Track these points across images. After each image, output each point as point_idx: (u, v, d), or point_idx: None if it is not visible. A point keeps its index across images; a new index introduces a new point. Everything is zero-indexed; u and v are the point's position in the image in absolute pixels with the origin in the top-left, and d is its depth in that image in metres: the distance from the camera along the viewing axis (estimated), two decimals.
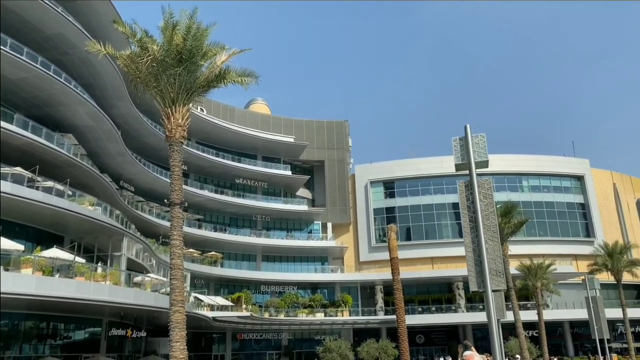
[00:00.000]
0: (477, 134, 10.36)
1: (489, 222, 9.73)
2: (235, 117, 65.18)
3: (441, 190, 68.11)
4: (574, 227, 69.50)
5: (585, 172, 71.96)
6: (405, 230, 67.88)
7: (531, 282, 46.21)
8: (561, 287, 55.35)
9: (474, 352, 5.10)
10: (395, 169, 70.58)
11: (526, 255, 52.90)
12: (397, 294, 28.89)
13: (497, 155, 67.49)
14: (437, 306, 61.93)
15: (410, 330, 49.80)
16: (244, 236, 61.15)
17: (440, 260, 64.49)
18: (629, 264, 53.77)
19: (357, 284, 64.60)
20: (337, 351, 38.53)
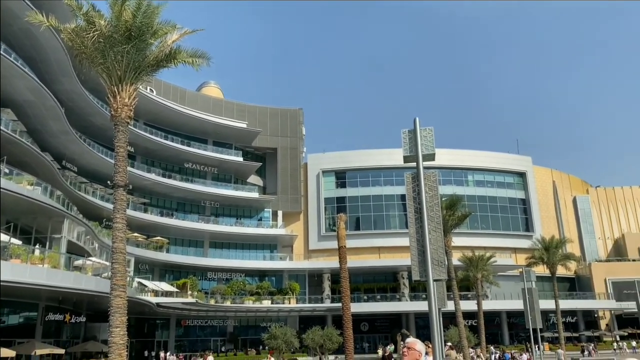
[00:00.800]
0: (425, 127, 10.54)
1: (433, 214, 9.94)
2: (187, 99, 63.71)
3: (391, 182, 69.28)
4: (515, 222, 72.45)
5: (527, 169, 75.01)
6: (355, 220, 68.74)
7: (472, 273, 47.86)
8: (500, 279, 57.70)
9: (417, 339, 5.20)
10: (348, 159, 71.17)
11: (468, 247, 54.74)
12: (344, 283, 29.24)
13: (445, 149, 69.34)
14: (382, 295, 63.27)
15: (356, 318, 50.73)
16: (191, 222, 60.17)
17: (387, 250, 65.80)
18: (563, 257, 56.74)
19: (306, 272, 65.00)
20: (282, 338, 38.63)
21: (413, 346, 4.89)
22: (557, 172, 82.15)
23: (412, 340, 5.01)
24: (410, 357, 4.88)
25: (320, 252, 66.65)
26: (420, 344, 5.01)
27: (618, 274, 69.66)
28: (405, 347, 4.94)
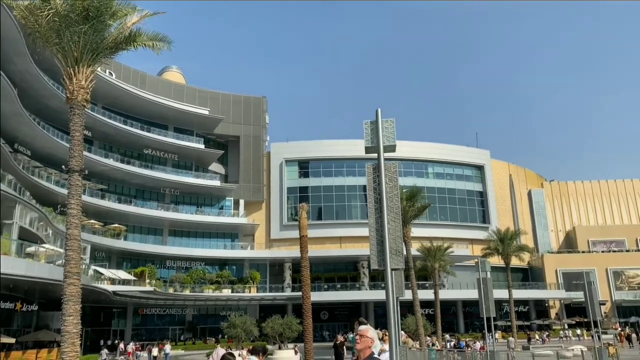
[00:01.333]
0: (387, 118, 10.66)
1: (393, 204, 10.08)
2: (147, 84, 62.17)
3: (353, 173, 69.74)
4: (472, 214, 74.31)
5: (485, 163, 76.92)
6: (317, 210, 68.99)
7: (430, 263, 48.89)
8: (457, 269, 59.18)
9: (369, 327, 5.27)
10: (311, 149, 71.18)
11: (427, 237, 55.84)
12: (305, 272, 29.35)
13: (407, 141, 70.31)
14: (342, 284, 63.90)
15: (316, 307, 50.98)
16: (150, 209, 59.08)
17: (348, 239, 66.38)
18: (517, 249, 58.63)
19: (267, 261, 64.95)
20: (241, 327, 38.50)
21: (365, 333, 4.95)
22: (514, 166, 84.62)
23: (364, 328, 5.07)
24: (362, 344, 4.94)
25: (282, 242, 66.67)
26: (372, 331, 5.07)
27: (568, 265, 72.57)
28: (358, 335, 5.00)
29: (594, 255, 76.21)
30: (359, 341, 4.95)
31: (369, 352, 4.91)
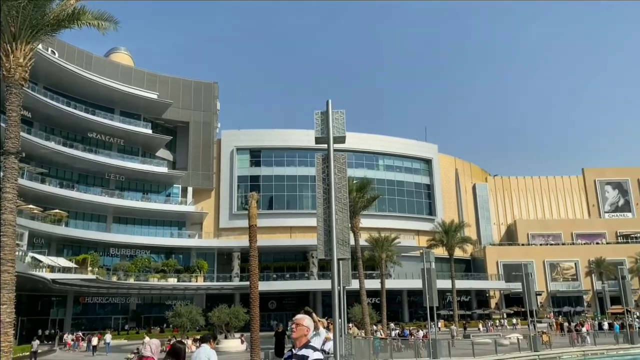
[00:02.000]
0: (338, 110, 10.69)
1: (341, 195, 10.16)
2: (93, 64, 59.67)
3: (305, 163, 69.75)
4: (419, 206, 76.13)
5: (433, 156, 78.87)
6: (268, 200, 68.70)
7: (378, 253, 49.80)
8: (403, 259, 60.56)
9: (305, 315, 5.27)
10: (263, 138, 70.63)
11: (376, 228, 56.87)
12: (253, 261, 29.17)
13: (358, 134, 71.00)
14: (291, 273, 64.08)
15: (264, 297, 51.08)
16: (94, 195, 57.01)
17: (298, 229, 66.53)
18: (461, 240, 60.66)
19: (215, 251, 64.21)
20: (187, 316, 38.04)
21: (301, 322, 4.97)
22: (460, 161, 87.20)
23: (300, 316, 5.08)
24: (298, 332, 4.95)
25: (231, 231, 66.05)
26: (308, 319, 5.09)
27: (508, 257, 75.68)
28: (294, 324, 5.01)
29: (533, 248, 79.84)
30: (294, 330, 4.96)
31: (305, 341, 4.93)
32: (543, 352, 32.80)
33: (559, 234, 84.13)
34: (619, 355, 35.95)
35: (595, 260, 73.93)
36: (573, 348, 35.51)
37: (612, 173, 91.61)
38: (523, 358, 31.48)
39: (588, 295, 76.53)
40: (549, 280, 76.94)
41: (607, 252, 75.74)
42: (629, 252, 73.92)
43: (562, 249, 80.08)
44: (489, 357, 30.16)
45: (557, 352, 33.97)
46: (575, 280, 77.41)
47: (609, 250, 76.76)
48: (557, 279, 77.72)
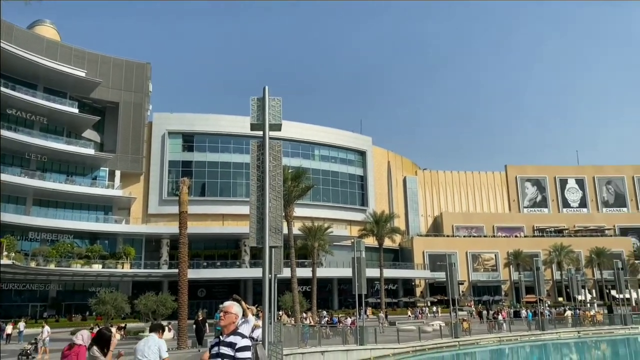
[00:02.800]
0: (274, 97, 10.67)
1: (275, 183, 10.19)
2: (14, 36, 55.66)
3: (240, 150, 68.91)
4: (352, 196, 77.50)
5: (367, 149, 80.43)
6: (201, 186, 67.36)
7: (310, 242, 50.28)
8: (335, 248, 61.48)
9: (233, 302, 5.26)
10: (197, 123, 68.94)
11: (309, 217, 57.33)
12: (182, 248, 28.63)
13: (296, 123, 71.01)
14: (222, 261, 63.39)
15: (193, 284, 50.26)
16: (12, 175, 53.41)
17: (231, 217, 65.81)
18: (390, 231, 62.43)
19: (143, 237, 62.25)
20: (111, 303, 36.70)
21: (229, 310, 4.96)
22: (393, 154, 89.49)
23: (228, 304, 5.06)
24: (226, 320, 4.93)
25: (161, 217, 64.25)
26: (237, 306, 5.09)
27: (434, 247, 78.77)
28: (222, 312, 4.98)
29: (457, 239, 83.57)
30: (223, 318, 4.93)
31: (233, 328, 4.92)
32: (463, 339, 34.57)
33: (482, 227, 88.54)
34: (531, 341, 38.55)
35: (513, 252, 78.53)
36: (490, 334, 37.67)
37: (532, 170, 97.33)
38: (444, 344, 33.03)
39: (506, 285, 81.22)
40: (470, 270, 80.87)
41: (524, 244, 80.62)
42: (544, 245, 79.07)
43: (483, 241, 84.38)
44: (413, 343, 31.40)
45: (475, 338, 35.92)
46: (495, 270, 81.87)
47: (526, 243, 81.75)
48: (478, 269, 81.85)
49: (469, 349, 34.28)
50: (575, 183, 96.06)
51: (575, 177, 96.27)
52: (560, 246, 76.18)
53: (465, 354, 33.34)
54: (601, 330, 43.88)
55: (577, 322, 44.57)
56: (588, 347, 39.67)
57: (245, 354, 4.70)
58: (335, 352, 26.45)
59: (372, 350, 28.31)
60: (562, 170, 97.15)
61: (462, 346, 33.89)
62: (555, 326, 42.40)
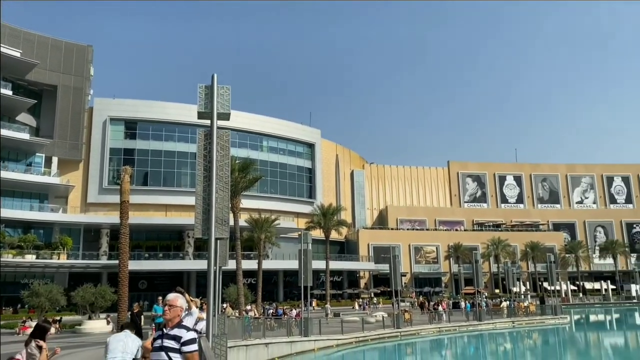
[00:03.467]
0: (223, 85, 10.42)
1: (222, 173, 9.97)
2: None
3: (186, 139, 67.33)
4: (300, 189, 77.58)
5: (316, 141, 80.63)
6: (143, 175, 65.39)
7: (257, 234, 49.96)
8: (282, 240, 61.39)
9: (178, 294, 5.12)
10: (141, 109, 66.68)
11: (256, 209, 56.92)
12: (123, 239, 27.74)
13: (244, 113, 70.15)
14: (165, 253, 62.00)
15: (134, 276, 48.82)
16: None
17: (175, 208, 64.34)
18: (337, 223, 62.96)
19: (81, 226, 59.79)
20: (46, 296, 35.04)
21: (174, 303, 4.83)
22: (341, 147, 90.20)
23: (172, 297, 4.92)
24: (172, 314, 4.80)
25: (101, 206, 61.92)
26: (182, 299, 4.96)
27: (379, 240, 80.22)
28: (167, 305, 4.83)
29: (401, 232, 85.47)
30: (167, 311, 4.79)
31: (178, 320, 4.81)
32: (405, 329, 35.47)
33: (424, 220, 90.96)
34: (469, 331, 40.05)
35: (454, 245, 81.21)
36: (431, 325, 38.84)
37: (473, 167, 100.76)
38: (387, 334, 33.77)
39: (446, 276, 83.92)
40: (413, 262, 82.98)
41: (464, 238, 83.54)
42: (483, 239, 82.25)
43: (426, 234, 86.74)
44: (356, 334, 31.91)
45: (417, 328, 36.94)
46: (436, 263, 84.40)
47: (466, 237, 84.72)
48: (420, 261, 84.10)
49: (410, 339, 35.21)
50: (513, 180, 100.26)
51: (514, 174, 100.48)
52: (498, 240, 79.48)
53: (406, 344, 34.22)
54: (533, 320, 46.19)
55: (512, 312, 46.66)
56: (521, 336, 41.65)
57: (192, 347, 4.61)
58: (280, 344, 26.46)
59: (317, 341, 28.54)
60: (501, 167, 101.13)
61: (404, 336, 34.76)
62: (492, 317, 44.24)
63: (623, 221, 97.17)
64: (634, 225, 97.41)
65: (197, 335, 4.95)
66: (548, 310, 48.30)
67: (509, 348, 37.47)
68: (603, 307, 70.91)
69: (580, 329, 50.21)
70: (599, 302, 74.72)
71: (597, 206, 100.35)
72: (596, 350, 35.82)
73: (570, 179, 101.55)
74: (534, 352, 35.15)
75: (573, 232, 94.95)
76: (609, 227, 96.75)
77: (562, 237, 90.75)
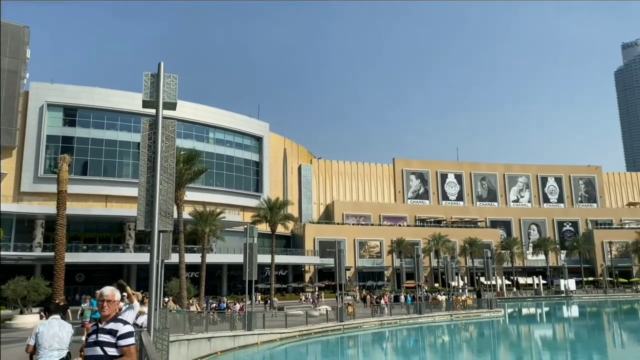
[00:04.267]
0: (170, 74, 10.20)
1: (167, 164, 9.79)
2: None
3: (129, 128, 65.19)
4: (247, 182, 76.92)
5: (264, 135, 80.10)
6: (82, 164, 62.84)
7: (201, 227, 49.13)
8: (227, 234, 60.68)
9: (113, 288, 5.02)
10: (81, 96, 63.90)
11: (201, 202, 55.96)
12: (60, 230, 26.62)
13: (191, 103, 68.73)
14: (104, 245, 59.99)
15: (71, 269, 46.96)
16: None
17: (115, 199, 62.26)
18: (283, 218, 62.90)
19: (13, 217, 56.71)
20: None
21: (112, 298, 4.74)
22: (289, 141, 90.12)
23: (110, 292, 4.82)
24: (110, 309, 4.71)
25: (36, 196, 59.02)
26: (118, 294, 4.89)
27: (324, 234, 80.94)
28: (105, 301, 4.72)
29: (346, 227, 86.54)
30: (106, 307, 4.68)
31: (115, 314, 4.73)
32: (347, 322, 36.04)
33: (369, 216, 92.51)
34: (409, 324, 41.19)
35: (397, 240, 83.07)
36: (373, 318, 39.63)
37: (417, 165, 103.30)
38: (330, 328, 34.20)
39: (389, 271, 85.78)
40: (357, 256, 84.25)
41: (407, 233, 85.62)
42: (424, 235, 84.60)
43: (370, 229, 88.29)
44: (300, 327, 32.11)
45: (359, 322, 37.60)
46: (379, 257, 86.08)
47: (409, 232, 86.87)
48: (364, 255, 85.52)
49: (352, 332, 35.81)
50: (454, 178, 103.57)
51: (455, 173, 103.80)
52: (439, 236, 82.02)
53: (349, 337, 34.77)
54: (470, 313, 48.06)
55: (450, 306, 48.35)
56: (458, 329, 43.24)
57: (128, 341, 4.53)
58: (223, 338, 26.25)
59: (260, 335, 28.51)
60: (443, 166, 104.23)
61: (347, 329, 35.31)
62: (431, 310, 45.65)
63: (555, 219, 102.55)
64: (565, 223, 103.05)
65: (136, 329, 4.89)
66: (484, 304, 50.39)
67: (447, 340, 38.82)
68: (534, 301, 74.72)
69: (513, 322, 52.66)
70: (531, 296, 78.64)
71: (532, 205, 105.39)
72: (527, 342, 37.73)
73: (507, 178, 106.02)
74: (470, 343, 36.62)
75: (509, 229, 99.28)
76: (542, 225, 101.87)
77: (498, 233, 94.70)
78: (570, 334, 42.38)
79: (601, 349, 33.30)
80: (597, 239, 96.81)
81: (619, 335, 41.65)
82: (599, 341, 37.12)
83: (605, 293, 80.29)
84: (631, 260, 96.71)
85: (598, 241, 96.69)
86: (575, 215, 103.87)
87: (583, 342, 36.61)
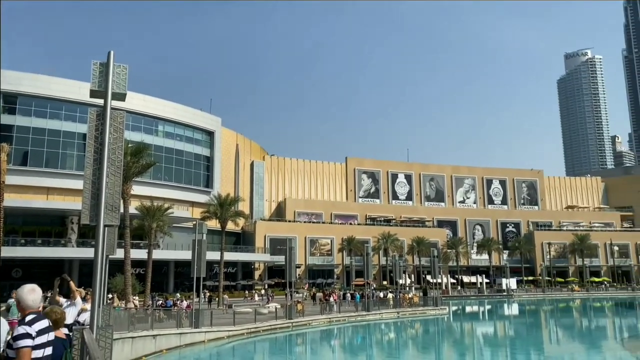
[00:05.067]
0: (120, 63, 9.86)
1: (115, 157, 9.46)
2: None
3: (74, 118, 62.67)
4: (197, 177, 75.56)
5: (216, 129, 78.89)
6: (23, 154, 59.89)
7: (148, 222, 47.91)
8: (175, 230, 59.40)
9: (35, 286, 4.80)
10: (22, 82, 60.77)
11: (149, 197, 54.51)
12: None
13: (139, 94, 66.78)
14: (44, 239, 57.41)
15: (7, 264, 44.75)
16: None
17: (57, 191, 59.76)
18: (234, 214, 62.18)
19: None
20: None
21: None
22: (242, 137, 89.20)
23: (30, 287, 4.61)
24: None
25: None
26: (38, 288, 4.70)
27: (276, 232, 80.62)
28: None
29: (297, 225, 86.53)
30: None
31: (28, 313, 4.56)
32: (296, 320, 36.09)
33: (321, 214, 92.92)
34: (357, 321, 41.72)
35: (347, 238, 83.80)
36: (322, 316, 39.88)
37: (369, 164, 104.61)
38: (279, 325, 34.14)
39: (339, 268, 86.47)
40: (308, 254, 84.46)
41: (357, 232, 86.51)
42: (374, 233, 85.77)
43: (322, 227, 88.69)
44: (249, 325, 31.90)
45: (308, 319, 37.75)
46: (330, 255, 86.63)
47: (359, 231, 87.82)
48: (315, 253, 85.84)
49: (301, 329, 35.89)
50: (404, 178, 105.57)
51: (405, 173, 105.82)
52: (388, 234, 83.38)
53: (297, 334, 34.84)
54: (416, 311, 49.20)
55: (397, 303, 49.30)
56: (405, 326, 44.18)
57: (20, 343, 4.23)
58: (169, 336, 25.74)
59: (207, 332, 28.13)
60: (394, 166, 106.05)
61: (295, 327, 35.36)
62: (379, 307, 46.41)
63: (498, 220, 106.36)
64: (507, 224, 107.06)
65: (78, 327, 4.71)
66: (430, 301, 51.68)
67: (393, 337, 39.57)
68: (478, 299, 77.32)
69: (457, 319, 54.30)
70: (474, 294, 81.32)
71: (477, 206, 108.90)
72: (469, 339, 39.00)
73: (455, 179, 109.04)
74: (416, 340, 37.47)
75: (455, 229, 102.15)
76: (487, 225, 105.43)
77: (445, 233, 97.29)
78: (510, 331, 44.15)
79: (538, 345, 34.89)
80: (537, 240, 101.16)
81: (554, 332, 43.77)
82: (536, 338, 38.87)
83: (544, 292, 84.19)
84: (568, 261, 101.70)
85: (538, 242, 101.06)
86: (518, 216, 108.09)
87: (522, 339, 38.23)
